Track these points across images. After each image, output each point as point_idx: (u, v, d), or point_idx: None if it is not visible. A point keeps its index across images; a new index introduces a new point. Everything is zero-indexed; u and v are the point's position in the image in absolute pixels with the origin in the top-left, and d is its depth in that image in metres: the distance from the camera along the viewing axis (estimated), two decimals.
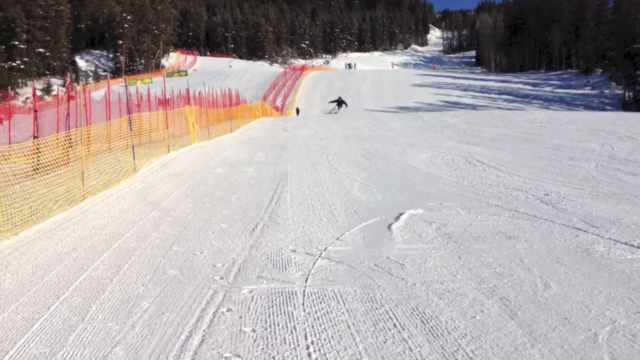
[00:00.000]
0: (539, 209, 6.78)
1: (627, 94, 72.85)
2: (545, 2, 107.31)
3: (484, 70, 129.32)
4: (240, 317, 3.62)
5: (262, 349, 3.15)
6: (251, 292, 4.09)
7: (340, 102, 45.84)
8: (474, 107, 60.44)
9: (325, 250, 5.20)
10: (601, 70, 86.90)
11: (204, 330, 3.45)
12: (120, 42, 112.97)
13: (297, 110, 56.89)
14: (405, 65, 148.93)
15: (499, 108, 57.23)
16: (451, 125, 21.89)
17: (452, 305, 3.72)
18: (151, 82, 63.18)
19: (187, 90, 21.36)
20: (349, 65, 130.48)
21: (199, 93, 24.10)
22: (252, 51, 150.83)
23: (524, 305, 3.67)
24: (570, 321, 3.38)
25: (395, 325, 3.42)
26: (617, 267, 4.40)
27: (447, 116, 27.35)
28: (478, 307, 3.66)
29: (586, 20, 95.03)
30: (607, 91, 74.67)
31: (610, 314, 3.47)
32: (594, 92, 75.24)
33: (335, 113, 38.49)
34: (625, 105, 67.26)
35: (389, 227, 6.01)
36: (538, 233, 5.60)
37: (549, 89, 79.10)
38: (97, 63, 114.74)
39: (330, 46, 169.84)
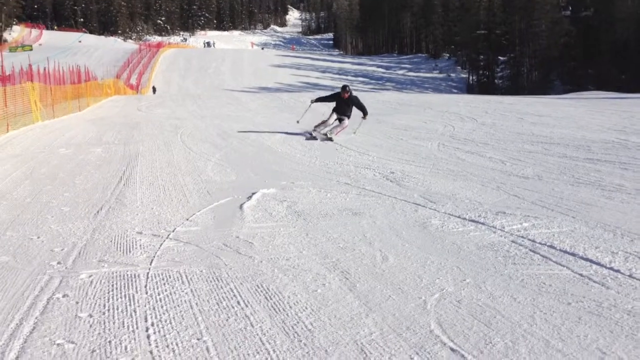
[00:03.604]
0: (384, 186, 7.11)
1: (471, 77, 78.13)
2: None
3: (341, 52, 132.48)
4: (77, 303, 3.46)
5: (99, 333, 3.04)
6: (90, 276, 3.92)
7: (341, 106, 12.45)
8: (332, 88, 61.89)
9: (173, 231, 5.10)
10: (448, 55, 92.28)
11: (36, 318, 3.26)
12: None
13: (154, 89, 55.13)
14: (265, 45, 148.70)
15: (355, 90, 59.06)
16: (308, 106, 22.24)
17: (296, 280, 3.81)
18: None
19: (30, 65, 19.86)
20: (208, 44, 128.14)
21: (44, 69, 22.50)
22: (104, 26, 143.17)
23: (362, 278, 3.84)
24: (403, 290, 3.59)
25: (238, 302, 3.45)
26: (449, 238, 4.74)
27: (305, 97, 27.76)
28: (320, 281, 3.78)
29: (435, 7, 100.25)
30: (453, 75, 79.59)
31: (439, 282, 3.72)
32: (441, 75, 79.90)
33: (327, 137, 11.84)
34: (470, 88, 72.19)
35: (241, 206, 6.02)
36: (382, 209, 5.87)
37: (401, 72, 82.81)
38: None
39: (188, 23, 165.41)
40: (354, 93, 12.43)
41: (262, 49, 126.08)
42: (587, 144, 10.16)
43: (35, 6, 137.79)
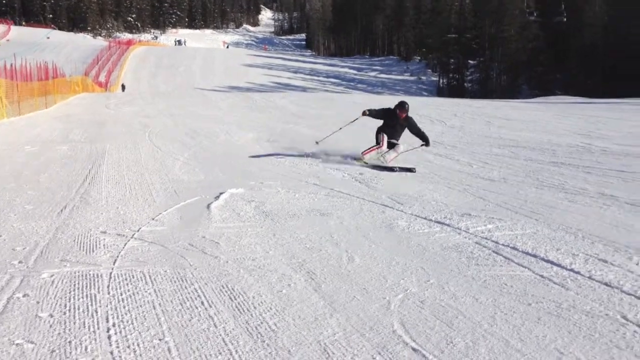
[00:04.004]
0: (353, 187, 7.14)
1: (441, 80, 78.86)
2: None
3: (314, 53, 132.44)
4: (38, 302, 3.40)
5: (59, 333, 2.99)
6: (52, 276, 3.85)
7: (392, 127, 9.38)
8: (304, 89, 62.00)
9: (138, 230, 5.04)
10: (419, 58, 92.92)
11: None
12: None
13: (123, 87, 54.50)
14: (237, 44, 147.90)
15: (327, 91, 59.22)
16: (280, 107, 22.24)
17: (261, 280, 3.80)
18: None
19: None
20: (179, 42, 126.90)
21: (11, 65, 22.03)
22: (74, 22, 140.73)
23: (328, 278, 3.85)
24: (368, 291, 3.61)
25: (202, 303, 3.42)
26: (415, 239, 4.78)
27: (276, 97, 27.73)
28: (286, 282, 3.78)
29: (407, 10, 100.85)
30: (424, 78, 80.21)
31: (404, 283, 3.75)
32: (412, 78, 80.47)
33: (387, 165, 8.76)
34: (440, 91, 72.89)
35: (208, 206, 5.98)
36: (349, 210, 5.90)
37: (372, 74, 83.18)
38: None
39: (159, 21, 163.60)
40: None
41: (227, 47, 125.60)
42: (553, 147, 10.35)
43: (4, 1, 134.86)
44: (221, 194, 6.54)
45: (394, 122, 9.28)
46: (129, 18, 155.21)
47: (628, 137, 11.72)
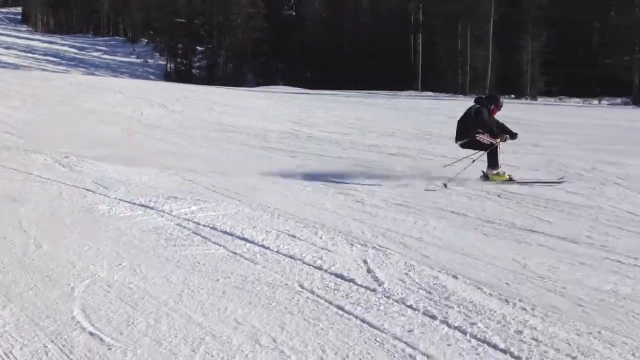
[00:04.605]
0: (55, 171, 6.69)
1: (169, 65, 77.81)
2: None
3: (30, 29, 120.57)
4: None
5: None
6: None
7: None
8: (17, 66, 56.07)
9: None
10: (147, 40, 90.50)
11: None
12: None
13: None
14: None
15: (44, 70, 54.43)
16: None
17: None
18: None
19: None
20: None
21: None
22: None
23: (7, 268, 3.53)
24: (51, 279, 3.39)
25: None
26: (115, 224, 4.63)
27: None
28: None
29: None
30: (151, 61, 78.16)
31: (93, 268, 3.60)
32: (139, 60, 77.90)
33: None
34: (167, 76, 71.79)
35: None
36: (47, 195, 5.51)
37: (96, 54, 78.51)
38: None
39: None
40: None
41: None
42: (266, 133, 10.92)
43: None
44: None
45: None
46: None
47: (332, 125, 12.86)
